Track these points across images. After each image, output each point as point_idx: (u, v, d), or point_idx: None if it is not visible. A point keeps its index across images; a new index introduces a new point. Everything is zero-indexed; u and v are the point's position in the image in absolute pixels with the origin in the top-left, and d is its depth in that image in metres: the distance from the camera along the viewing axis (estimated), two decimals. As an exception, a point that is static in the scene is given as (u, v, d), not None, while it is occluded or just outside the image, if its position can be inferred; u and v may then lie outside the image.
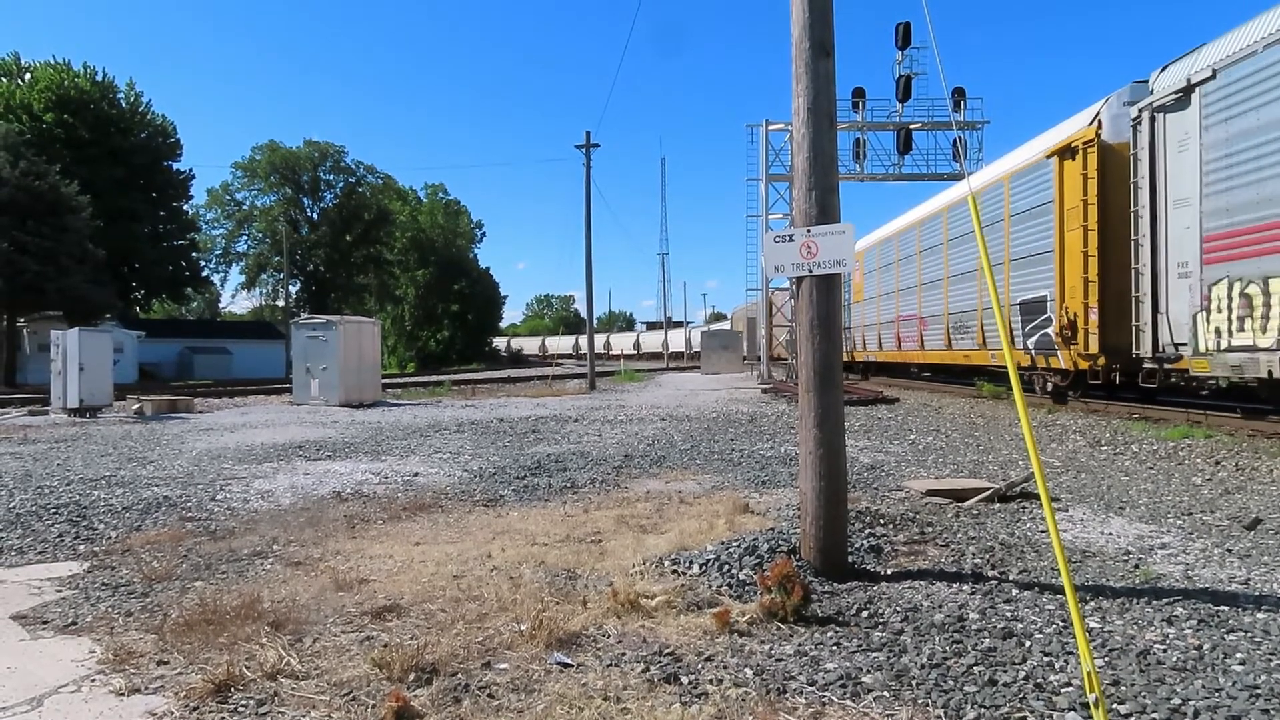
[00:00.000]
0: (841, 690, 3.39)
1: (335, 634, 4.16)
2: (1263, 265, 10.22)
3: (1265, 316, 10.28)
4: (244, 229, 79.17)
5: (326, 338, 22.66)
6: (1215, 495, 7.56)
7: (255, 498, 8.22)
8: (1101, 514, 6.89)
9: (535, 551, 5.74)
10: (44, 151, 42.35)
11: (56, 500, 8.09)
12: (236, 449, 12.31)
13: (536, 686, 3.46)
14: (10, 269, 35.31)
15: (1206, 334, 11.31)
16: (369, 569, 5.38)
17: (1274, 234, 10.05)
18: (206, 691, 3.42)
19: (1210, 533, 6.13)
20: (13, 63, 53.19)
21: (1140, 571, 5.09)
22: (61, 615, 4.60)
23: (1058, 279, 15.12)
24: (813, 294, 5.11)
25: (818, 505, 5.02)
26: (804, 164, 5.17)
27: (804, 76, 5.14)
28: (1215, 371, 11.29)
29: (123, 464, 10.79)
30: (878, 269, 27.37)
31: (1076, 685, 3.34)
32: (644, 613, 4.32)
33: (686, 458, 10.75)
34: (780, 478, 8.92)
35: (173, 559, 5.78)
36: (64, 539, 6.54)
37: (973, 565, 5.25)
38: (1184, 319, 11.77)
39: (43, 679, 3.68)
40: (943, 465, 9.77)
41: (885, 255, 26.68)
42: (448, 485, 8.87)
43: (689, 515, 6.83)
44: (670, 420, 16.26)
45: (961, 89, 30.06)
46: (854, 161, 30.45)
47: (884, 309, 26.73)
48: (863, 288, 29.15)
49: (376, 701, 3.30)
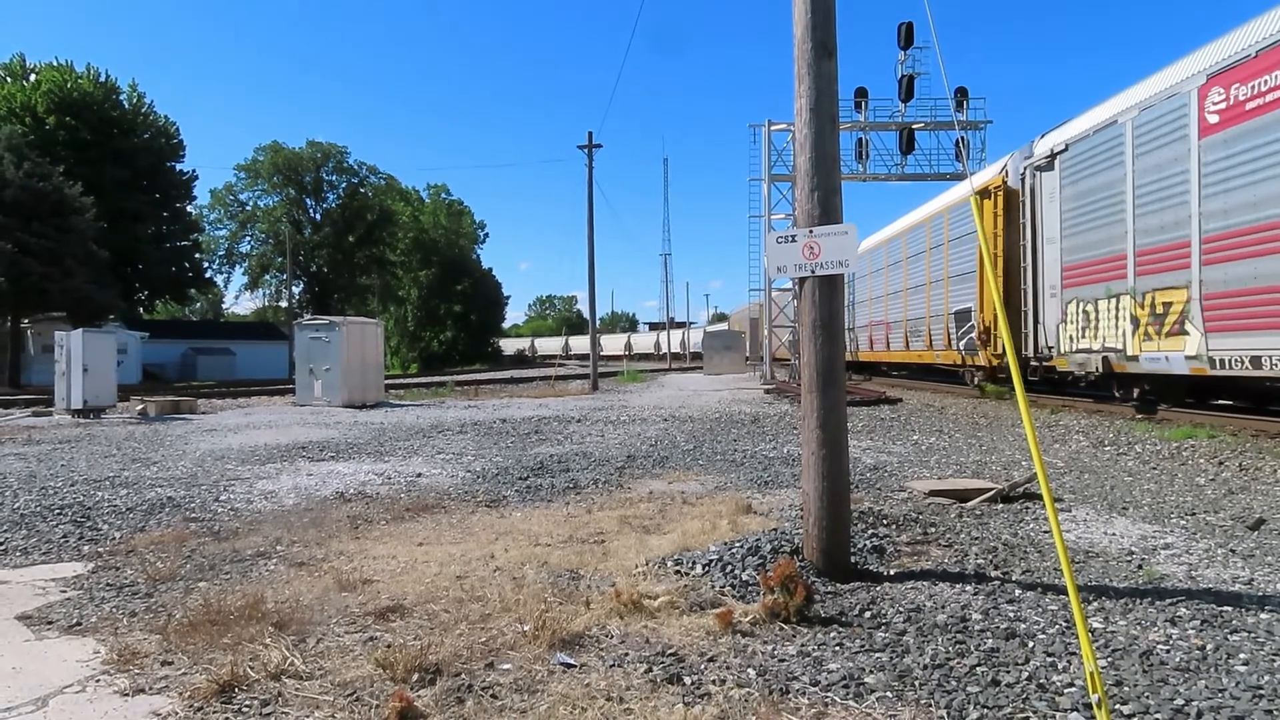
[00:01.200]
0: (844, 691, 3.39)
1: (339, 634, 4.17)
2: (1094, 290, 14.27)
3: (1094, 328, 14.32)
4: (247, 230, 79.34)
5: (329, 339, 22.69)
6: (1219, 495, 7.55)
7: (259, 498, 8.24)
8: (1105, 514, 6.88)
9: (538, 552, 5.75)
10: (48, 153, 42.40)
11: (61, 501, 8.11)
12: (240, 450, 12.33)
13: (539, 687, 3.47)
14: (14, 270, 35.39)
15: (1064, 340, 15.39)
16: (372, 569, 5.38)
17: (1098, 268, 14.12)
18: (211, 692, 3.42)
19: (1214, 533, 6.13)
20: (17, 65, 53.34)
21: (1143, 572, 5.09)
22: (66, 616, 4.61)
23: (978, 294, 18.83)
24: (815, 295, 5.11)
25: (820, 506, 5.02)
26: (806, 164, 5.17)
27: (806, 77, 5.14)
28: (1069, 368, 15.31)
29: (127, 465, 10.81)
30: (869, 274, 29.58)
31: (1079, 686, 3.34)
32: (647, 613, 4.32)
33: (689, 458, 10.75)
34: (783, 478, 8.92)
35: (177, 559, 5.79)
36: (68, 540, 6.55)
37: (976, 566, 5.25)
38: (1052, 328, 15.88)
39: (48, 679, 3.69)
40: (946, 465, 9.77)
41: (870, 264, 29.14)
42: (451, 486, 8.88)
43: (692, 516, 6.84)
44: (673, 421, 16.26)
45: (964, 89, 29.93)
46: (857, 161, 30.38)
47: (867, 314, 29.99)
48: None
49: (380, 702, 3.31)
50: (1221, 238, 11.16)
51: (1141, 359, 13.01)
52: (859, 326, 30.46)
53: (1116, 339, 13.60)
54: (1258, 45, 10.60)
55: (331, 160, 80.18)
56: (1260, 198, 10.50)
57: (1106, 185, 13.78)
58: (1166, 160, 12.27)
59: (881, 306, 27.58)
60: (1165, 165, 12.30)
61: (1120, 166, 13.42)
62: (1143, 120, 12.85)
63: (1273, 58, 10.31)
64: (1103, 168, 13.92)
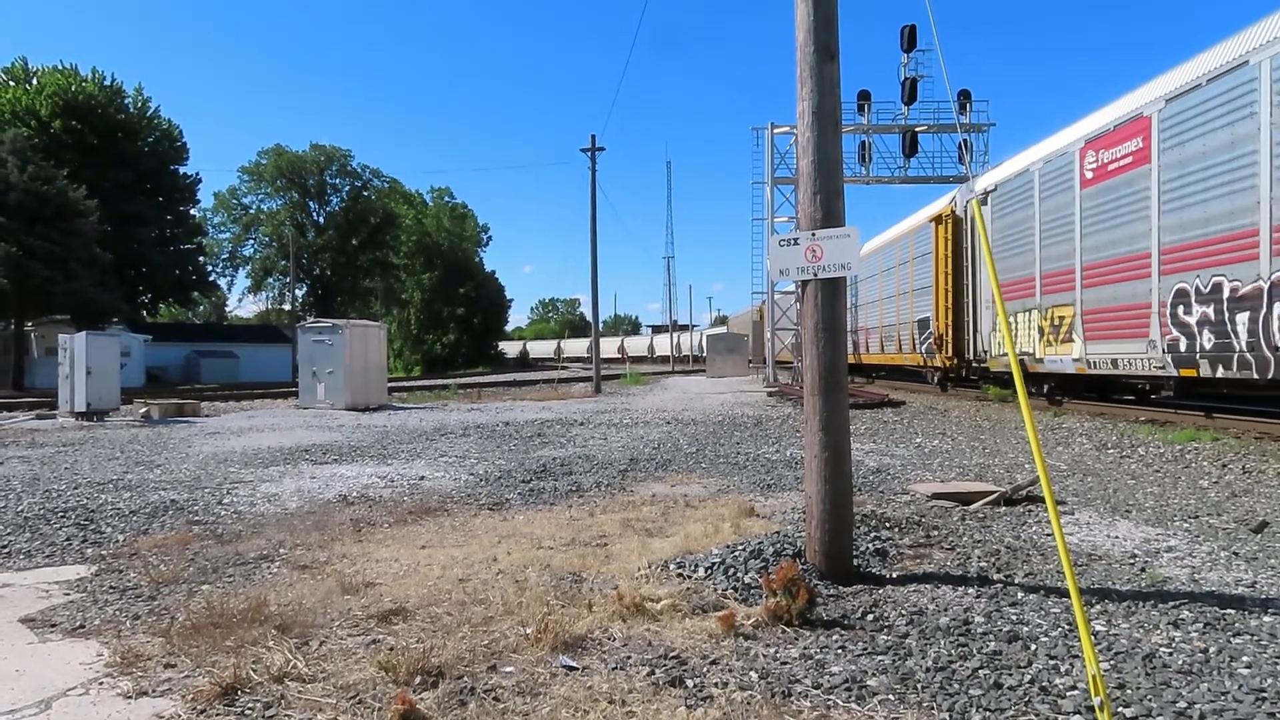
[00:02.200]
0: (846, 693, 3.39)
1: (341, 637, 4.17)
2: (1014, 305, 16.92)
3: (1015, 336, 17.03)
4: (250, 233, 79.59)
5: (332, 341, 22.72)
6: (1222, 498, 7.54)
7: (262, 501, 8.25)
8: (1107, 517, 6.87)
9: (541, 555, 5.75)
10: (52, 156, 42.51)
11: (64, 504, 8.13)
12: (243, 452, 12.35)
13: (542, 689, 3.47)
14: (18, 273, 35.46)
15: (994, 346, 18.36)
16: (375, 572, 5.39)
17: (1018, 288, 16.86)
18: (213, 694, 3.43)
19: (1217, 536, 6.12)
20: (20, 68, 53.49)
21: (1146, 574, 5.08)
22: (69, 618, 4.62)
23: (934, 305, 21.54)
24: (818, 297, 5.11)
25: (823, 509, 5.02)
26: (809, 167, 5.18)
27: (809, 80, 5.14)
28: (999, 368, 18.38)
29: (130, 467, 10.83)
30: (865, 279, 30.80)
31: (1082, 689, 3.34)
32: (649, 616, 4.32)
33: (692, 461, 10.75)
34: (786, 481, 8.92)
35: (180, 562, 5.80)
36: (71, 542, 6.56)
37: (978, 568, 5.25)
38: (987, 336, 18.88)
39: (51, 682, 3.69)
40: (948, 468, 9.76)
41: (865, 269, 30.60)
42: (453, 489, 8.89)
43: (694, 519, 6.84)
44: (675, 424, 16.27)
45: (967, 91, 29.86)
46: (859, 164, 30.37)
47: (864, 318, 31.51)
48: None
49: (383, 704, 3.31)
50: (1093, 267, 14.17)
51: (1046, 361, 16.04)
52: (859, 329, 31.11)
53: (1030, 345, 16.52)
54: (1115, 122, 13.49)
55: (335, 163, 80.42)
56: (1114, 239, 13.50)
57: (1023, 221, 16.81)
58: (1061, 204, 15.27)
59: (876, 311, 29.46)
60: (1060, 208, 15.32)
61: (1031, 206, 16.44)
62: (1046, 170, 15.88)
63: (1123, 133, 13.21)
64: (1020, 206, 16.99)
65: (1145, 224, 12.55)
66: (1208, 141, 11.23)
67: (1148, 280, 12.51)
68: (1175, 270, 11.86)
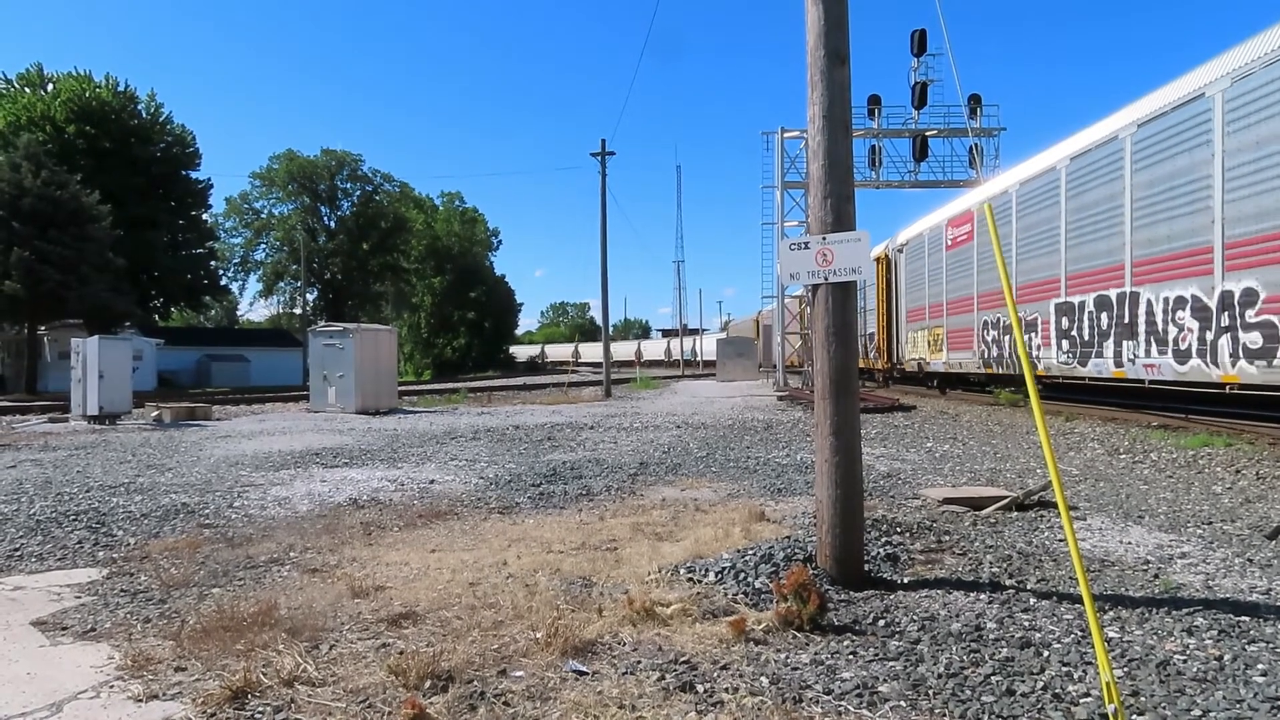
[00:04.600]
0: (858, 699, 3.37)
1: (351, 641, 4.18)
2: (915, 325, 24.57)
3: (915, 347, 24.73)
4: (262, 237, 79.92)
5: (343, 345, 22.80)
6: (1236, 504, 7.48)
7: (272, 505, 8.27)
8: (1120, 523, 6.82)
9: (551, 559, 5.74)
10: (65, 161, 42.82)
11: (76, 507, 8.17)
12: (254, 456, 12.39)
13: (552, 694, 3.46)
14: (32, 278, 35.74)
15: (908, 352, 25.46)
16: (385, 576, 5.39)
17: (917, 313, 24.39)
18: (224, 698, 3.44)
19: (1231, 542, 6.06)
20: (35, 74, 53.94)
21: (1160, 581, 5.04)
22: (81, 621, 4.64)
23: (877, 323, 28.59)
24: (829, 302, 5.10)
25: (834, 513, 5.00)
26: (819, 171, 5.17)
27: (819, 84, 5.13)
28: (911, 368, 25.47)
29: (141, 471, 10.89)
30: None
31: (1095, 696, 3.31)
32: (659, 621, 4.31)
33: (702, 465, 10.73)
34: (796, 485, 8.89)
35: (190, 566, 5.83)
36: (83, 545, 6.59)
37: (990, 574, 5.22)
38: (904, 345, 26.03)
39: (62, 685, 3.71)
40: (960, 473, 9.71)
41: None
42: (463, 492, 8.90)
43: (705, 523, 6.82)
44: (686, 428, 16.25)
45: (978, 95, 29.87)
46: (870, 168, 30.37)
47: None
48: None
49: (392, 709, 3.31)
50: (951, 303, 21.61)
51: (932, 363, 23.47)
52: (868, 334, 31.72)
53: (924, 353, 23.95)
54: (962, 209, 21.21)
55: (346, 168, 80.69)
56: (960, 287, 20.97)
57: (920, 269, 24.21)
58: (937, 262, 22.61)
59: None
60: (936, 263, 22.72)
61: (923, 260, 23.94)
62: (929, 236, 23.32)
63: (963, 218, 20.82)
64: (916, 259, 24.55)
65: (969, 279, 20.39)
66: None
67: (971, 315, 20.24)
68: (984, 309, 19.55)
